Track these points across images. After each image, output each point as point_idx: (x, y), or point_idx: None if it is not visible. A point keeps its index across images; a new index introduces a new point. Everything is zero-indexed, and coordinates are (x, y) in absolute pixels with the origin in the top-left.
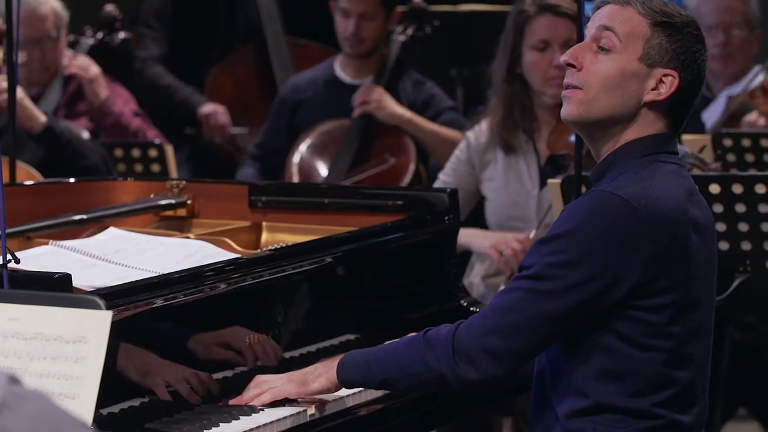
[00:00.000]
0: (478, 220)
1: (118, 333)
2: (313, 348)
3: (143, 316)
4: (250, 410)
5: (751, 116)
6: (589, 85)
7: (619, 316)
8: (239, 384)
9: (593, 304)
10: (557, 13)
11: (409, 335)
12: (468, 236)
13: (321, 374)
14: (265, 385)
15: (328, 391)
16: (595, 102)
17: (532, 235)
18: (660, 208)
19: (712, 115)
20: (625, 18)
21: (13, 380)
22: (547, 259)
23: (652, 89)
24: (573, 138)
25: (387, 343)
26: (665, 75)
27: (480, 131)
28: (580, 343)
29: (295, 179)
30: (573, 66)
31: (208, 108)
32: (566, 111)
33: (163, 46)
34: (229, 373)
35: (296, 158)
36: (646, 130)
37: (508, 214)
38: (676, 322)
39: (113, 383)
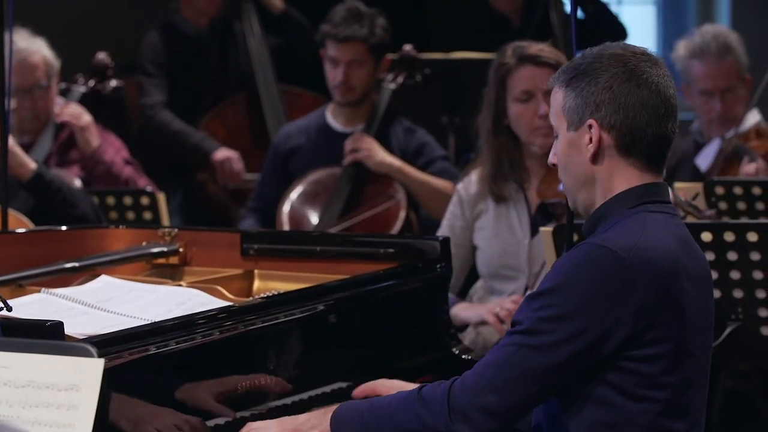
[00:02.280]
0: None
1: (110, 381)
2: (305, 396)
3: (135, 364)
4: None
5: (750, 167)
6: (559, 171)
7: (613, 367)
8: (231, 431)
9: (586, 357)
10: (537, 63)
11: (403, 391)
12: (460, 311)
13: (314, 426)
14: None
15: None
16: (565, 184)
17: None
18: (650, 258)
19: (705, 159)
20: (552, 100)
21: None
22: (537, 314)
23: (587, 143)
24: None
25: (380, 397)
26: (588, 126)
27: (470, 182)
28: (574, 396)
29: (286, 228)
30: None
31: (221, 154)
32: None
33: (166, 91)
34: (221, 421)
35: (287, 207)
36: (630, 182)
37: (499, 263)
38: (670, 372)
39: (105, 431)
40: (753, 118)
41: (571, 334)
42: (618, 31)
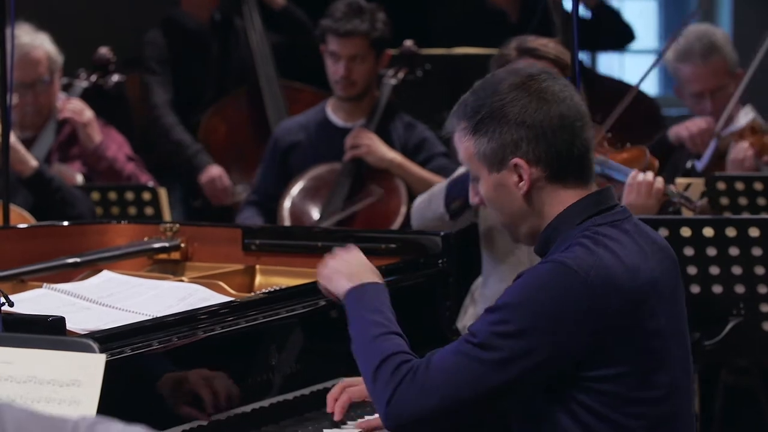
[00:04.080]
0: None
1: (111, 376)
2: (306, 391)
3: (137, 359)
4: None
5: (738, 153)
6: (491, 211)
7: (578, 387)
8: (234, 424)
9: (537, 375)
10: (537, 56)
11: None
12: None
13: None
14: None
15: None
16: (502, 223)
17: None
18: (611, 276)
19: (702, 158)
20: (457, 146)
21: None
22: (492, 328)
23: (517, 182)
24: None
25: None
26: (514, 166)
27: None
28: (544, 417)
29: (287, 223)
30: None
31: (206, 176)
32: None
33: (171, 89)
34: (222, 416)
35: (287, 202)
36: (567, 201)
37: (503, 251)
38: (642, 388)
39: None
40: (747, 115)
41: (523, 351)
42: (624, 31)
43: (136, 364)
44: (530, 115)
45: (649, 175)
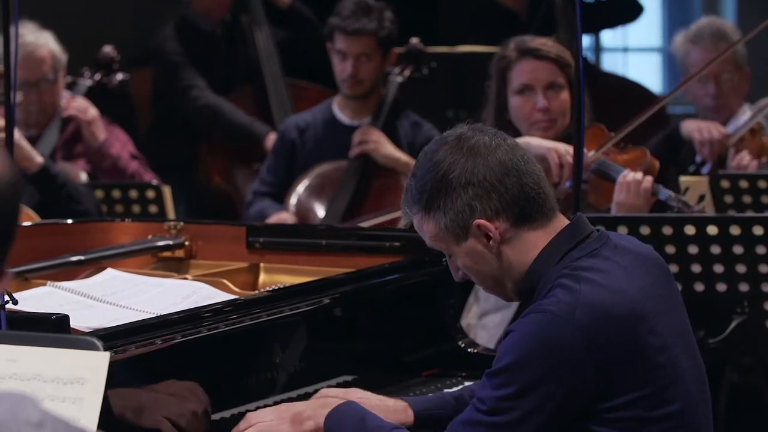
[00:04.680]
0: None
1: (116, 374)
2: (310, 389)
3: (141, 357)
4: None
5: (743, 159)
6: (475, 281)
7: (595, 419)
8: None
9: (555, 422)
10: (538, 57)
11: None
12: (526, 138)
13: (310, 417)
14: (254, 419)
15: None
16: (489, 289)
17: (591, 154)
18: (597, 308)
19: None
20: (419, 230)
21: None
22: (496, 393)
23: (487, 242)
24: (568, 184)
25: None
26: (477, 228)
27: None
28: None
29: (293, 221)
30: None
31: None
32: None
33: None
34: (226, 414)
35: (293, 200)
36: (540, 244)
37: None
38: (659, 406)
39: (111, 424)
40: (746, 114)
41: (534, 407)
42: (632, 6)
43: (140, 362)
44: (470, 173)
45: (639, 174)
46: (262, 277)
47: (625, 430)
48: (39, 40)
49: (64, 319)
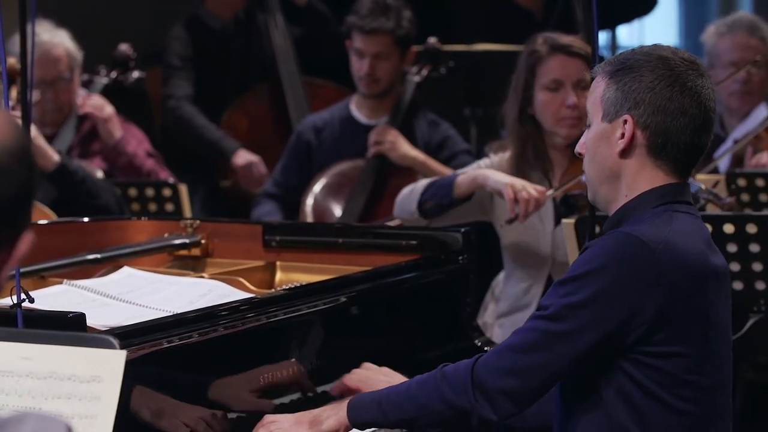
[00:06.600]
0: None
1: (132, 372)
2: (327, 387)
3: (157, 355)
4: None
5: (761, 157)
6: (584, 161)
7: (630, 360)
8: (254, 423)
9: (605, 346)
10: (569, 53)
11: (422, 375)
12: (486, 171)
13: (330, 416)
14: (273, 426)
15: None
16: (588, 175)
17: (549, 193)
18: (680, 255)
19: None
20: (591, 89)
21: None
22: (563, 300)
23: (619, 139)
24: (584, 178)
25: (396, 385)
26: (624, 121)
27: (503, 159)
28: (593, 387)
29: (310, 219)
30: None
31: (242, 159)
32: None
33: (192, 85)
34: (243, 413)
35: (310, 199)
36: (654, 182)
37: (524, 250)
38: (694, 371)
39: (127, 423)
40: (762, 113)
41: (590, 322)
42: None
43: (157, 360)
44: (661, 88)
45: None
46: (279, 276)
47: (654, 381)
48: (54, 38)
49: (80, 317)
